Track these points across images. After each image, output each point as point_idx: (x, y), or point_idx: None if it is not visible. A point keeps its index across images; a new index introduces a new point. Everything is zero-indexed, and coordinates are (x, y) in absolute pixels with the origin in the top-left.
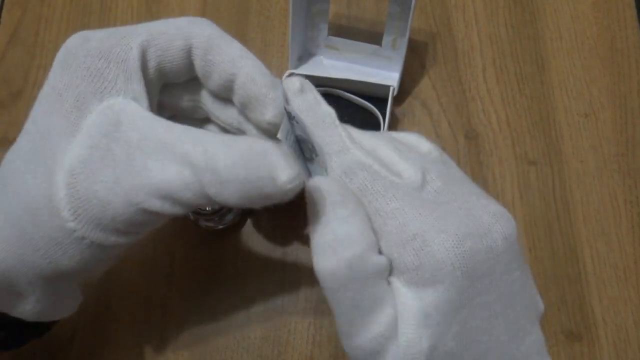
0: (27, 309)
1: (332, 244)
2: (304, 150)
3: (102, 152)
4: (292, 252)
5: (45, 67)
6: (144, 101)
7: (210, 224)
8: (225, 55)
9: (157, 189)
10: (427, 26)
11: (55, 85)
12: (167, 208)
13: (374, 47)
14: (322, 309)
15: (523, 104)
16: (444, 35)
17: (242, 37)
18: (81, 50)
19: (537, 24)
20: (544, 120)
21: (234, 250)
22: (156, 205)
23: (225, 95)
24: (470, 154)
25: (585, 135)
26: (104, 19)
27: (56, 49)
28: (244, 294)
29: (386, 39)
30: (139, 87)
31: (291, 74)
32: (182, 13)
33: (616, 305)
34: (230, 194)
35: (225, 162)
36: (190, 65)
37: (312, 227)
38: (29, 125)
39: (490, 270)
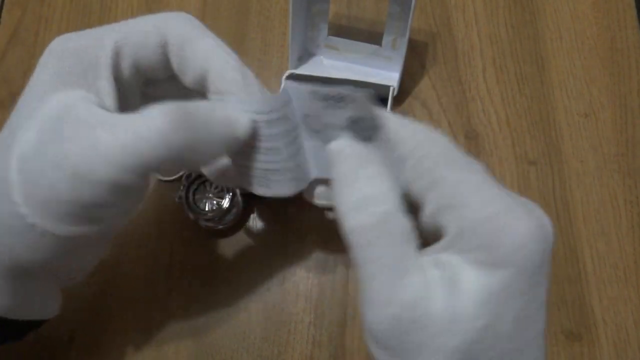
0: None
1: (361, 202)
2: (310, 125)
3: (51, 134)
4: (292, 252)
5: None
6: (109, 98)
7: (210, 224)
8: (198, 51)
9: (108, 154)
10: (427, 26)
11: (31, 84)
12: (117, 175)
13: (374, 47)
14: (322, 309)
15: (523, 104)
16: (444, 35)
17: (242, 37)
18: (59, 50)
19: (537, 24)
20: (544, 120)
21: (234, 250)
22: (105, 173)
23: (201, 90)
24: (470, 154)
25: (585, 135)
26: (104, 19)
27: None
28: (243, 294)
29: (386, 39)
30: (106, 85)
31: (291, 74)
32: None
33: (616, 305)
34: (204, 136)
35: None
36: (168, 62)
37: (337, 189)
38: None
39: (547, 261)
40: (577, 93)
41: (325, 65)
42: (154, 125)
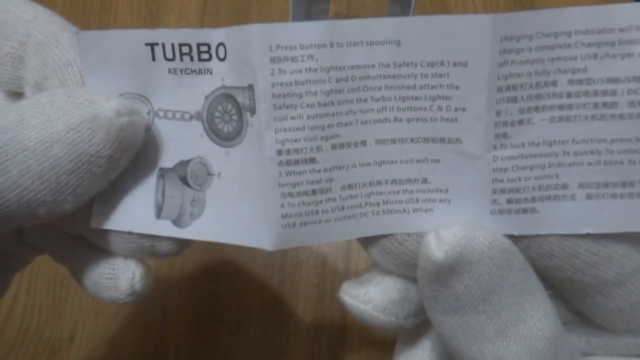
0: None
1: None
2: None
3: None
4: (292, 251)
5: None
6: None
7: None
8: (19, 12)
9: None
10: None
11: None
12: None
13: None
14: (322, 309)
15: None
16: None
17: None
18: None
19: None
20: None
21: (234, 249)
22: None
23: (16, 81)
24: None
25: None
26: (104, 19)
27: None
28: (243, 294)
29: None
30: None
31: None
32: (182, 13)
33: None
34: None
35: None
36: None
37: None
38: None
39: None
40: None
41: None
42: None
